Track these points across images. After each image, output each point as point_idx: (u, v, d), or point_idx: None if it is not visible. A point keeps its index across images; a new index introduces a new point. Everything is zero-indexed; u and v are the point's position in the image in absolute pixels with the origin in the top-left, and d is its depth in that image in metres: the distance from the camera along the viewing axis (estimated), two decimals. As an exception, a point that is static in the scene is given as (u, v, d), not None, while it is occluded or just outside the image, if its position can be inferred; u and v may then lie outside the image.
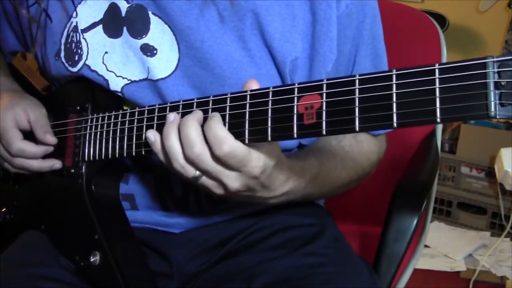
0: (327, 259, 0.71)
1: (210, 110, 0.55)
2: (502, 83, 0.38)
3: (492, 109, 0.38)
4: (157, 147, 0.56)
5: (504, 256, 1.90)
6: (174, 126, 0.54)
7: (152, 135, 0.56)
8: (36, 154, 0.73)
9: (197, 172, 0.54)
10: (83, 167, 0.71)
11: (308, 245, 0.73)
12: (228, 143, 0.50)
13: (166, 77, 0.67)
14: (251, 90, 0.52)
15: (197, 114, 0.53)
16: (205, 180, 0.55)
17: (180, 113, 0.56)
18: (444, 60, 1.03)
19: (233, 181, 0.54)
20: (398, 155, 0.95)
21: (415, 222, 0.78)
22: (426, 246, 1.93)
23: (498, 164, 1.71)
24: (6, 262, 0.74)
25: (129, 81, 0.69)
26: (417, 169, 0.93)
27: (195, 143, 0.51)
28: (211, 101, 0.55)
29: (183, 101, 0.58)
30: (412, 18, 1.11)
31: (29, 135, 0.75)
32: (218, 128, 0.51)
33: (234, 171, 0.53)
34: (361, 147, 0.75)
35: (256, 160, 0.52)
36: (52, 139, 0.73)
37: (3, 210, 0.84)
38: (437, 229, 2.10)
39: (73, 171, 0.71)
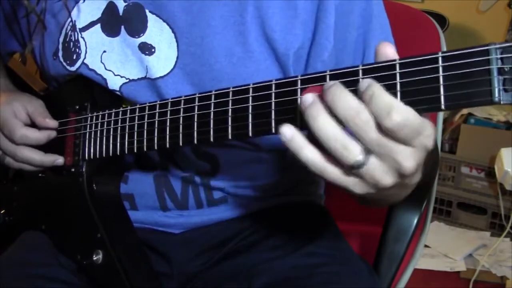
0: (327, 259, 0.71)
1: (212, 104, 0.54)
2: (505, 69, 0.38)
3: (496, 94, 0.39)
4: (297, 142, 0.45)
5: (504, 256, 1.90)
6: (320, 105, 0.43)
7: (289, 130, 0.45)
8: (39, 140, 0.73)
9: (362, 155, 0.43)
10: (84, 166, 0.71)
11: (308, 245, 0.73)
12: (399, 109, 0.40)
13: (165, 75, 0.67)
14: (253, 84, 0.52)
15: (338, 84, 0.43)
16: (372, 165, 0.43)
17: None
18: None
19: (408, 157, 0.42)
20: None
21: (415, 222, 0.78)
22: (426, 246, 1.93)
23: (498, 164, 1.71)
24: (6, 262, 0.74)
25: (128, 80, 0.69)
26: (417, 169, 0.93)
27: (360, 108, 0.42)
28: (213, 96, 0.55)
29: (185, 96, 0.58)
30: (412, 18, 1.11)
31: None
32: (384, 95, 0.41)
33: (407, 146, 0.42)
34: None
35: (430, 127, 0.43)
36: (52, 122, 0.73)
37: (2, 212, 0.84)
38: (437, 229, 2.11)
39: (73, 170, 0.71)
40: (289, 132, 0.44)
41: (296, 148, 0.44)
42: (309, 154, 0.44)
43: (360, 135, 0.42)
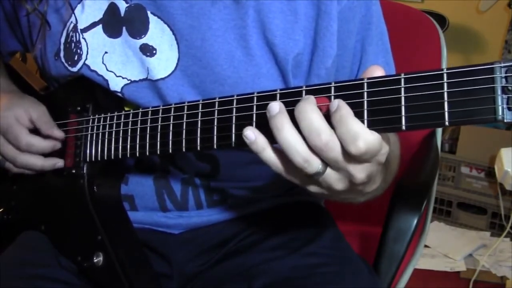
0: (327, 259, 0.71)
1: (216, 111, 0.54)
2: (510, 88, 0.39)
3: (500, 113, 0.39)
4: (259, 145, 0.48)
5: (504, 256, 1.90)
6: (285, 116, 0.46)
7: (252, 133, 0.48)
8: (44, 149, 0.73)
9: (321, 166, 0.47)
10: (85, 168, 0.71)
11: (308, 245, 0.73)
12: (364, 138, 0.43)
13: (166, 77, 0.67)
14: (258, 92, 0.51)
15: (312, 99, 0.46)
16: (328, 174, 0.47)
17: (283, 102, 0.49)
18: (444, 60, 1.03)
19: (361, 171, 0.47)
20: (398, 155, 0.95)
21: (415, 222, 0.78)
22: (426, 246, 1.93)
23: (498, 164, 1.70)
24: (5, 262, 0.74)
25: (129, 81, 0.69)
26: (417, 169, 0.93)
27: (321, 129, 0.44)
28: (217, 103, 0.55)
29: (188, 102, 0.58)
30: (412, 18, 1.11)
31: (33, 133, 0.74)
32: (351, 120, 0.44)
33: (362, 163, 0.47)
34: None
35: (386, 146, 0.48)
36: (59, 133, 0.73)
37: (0, 210, 0.84)
38: (437, 229, 2.10)
39: (74, 171, 0.71)
40: (251, 135, 0.48)
41: (258, 150, 0.48)
42: (270, 155, 0.48)
43: (319, 153, 0.45)
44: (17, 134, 0.73)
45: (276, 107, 0.46)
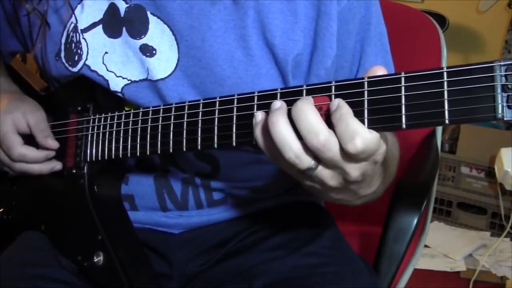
0: (327, 259, 0.71)
1: (216, 111, 0.54)
2: (509, 86, 0.39)
3: (500, 111, 0.39)
4: (258, 130, 0.49)
5: (504, 256, 1.90)
6: (283, 112, 0.47)
7: (260, 114, 0.49)
8: (37, 159, 0.73)
9: (313, 162, 0.47)
10: (85, 168, 0.71)
11: (308, 245, 0.73)
12: (362, 137, 0.44)
13: (166, 77, 0.67)
14: (258, 92, 0.52)
15: (309, 99, 0.47)
16: (320, 171, 0.47)
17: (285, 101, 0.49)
18: (444, 60, 1.03)
19: (356, 168, 0.47)
20: (398, 155, 0.95)
21: (415, 222, 0.78)
22: (426, 246, 1.93)
23: (498, 164, 1.71)
24: (6, 262, 0.74)
25: (129, 81, 0.69)
26: (417, 169, 0.93)
27: (320, 130, 0.45)
28: (217, 102, 0.55)
29: (189, 102, 0.58)
30: (412, 18, 1.11)
31: (29, 138, 0.75)
32: (351, 119, 0.44)
33: (358, 162, 0.47)
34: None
35: (384, 146, 0.47)
36: (53, 143, 0.73)
37: (0, 210, 0.84)
38: (437, 229, 2.11)
39: (74, 171, 0.71)
40: (260, 116, 0.49)
41: (257, 135, 0.49)
42: (264, 142, 0.49)
43: (316, 153, 0.45)
44: (10, 145, 0.73)
45: (278, 103, 0.47)
